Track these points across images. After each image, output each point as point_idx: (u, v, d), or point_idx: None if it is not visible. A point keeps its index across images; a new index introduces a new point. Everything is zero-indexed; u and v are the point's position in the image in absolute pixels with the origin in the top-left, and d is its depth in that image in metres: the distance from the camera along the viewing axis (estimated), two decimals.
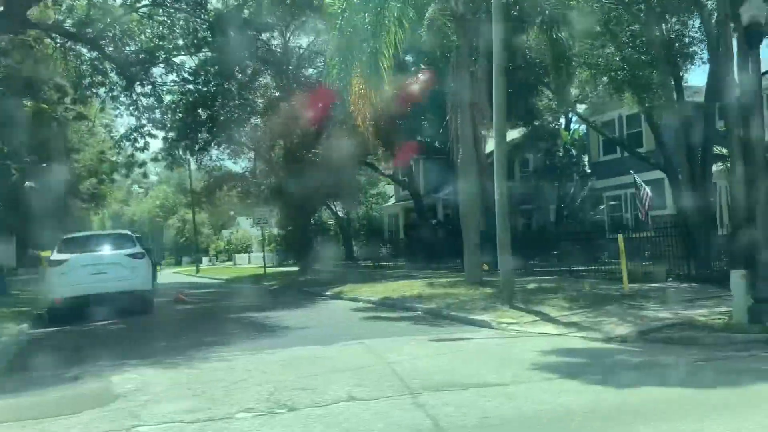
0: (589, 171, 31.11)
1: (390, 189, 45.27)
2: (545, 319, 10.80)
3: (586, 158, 31.68)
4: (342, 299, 16.72)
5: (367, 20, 13.68)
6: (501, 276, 12.25)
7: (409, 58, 23.36)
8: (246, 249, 63.15)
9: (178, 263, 71.78)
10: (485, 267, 21.48)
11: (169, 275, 49.48)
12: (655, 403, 5.71)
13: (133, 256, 13.58)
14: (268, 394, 6.32)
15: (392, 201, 42.75)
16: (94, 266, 13.10)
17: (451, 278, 17.67)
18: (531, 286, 14.53)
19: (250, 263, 52.73)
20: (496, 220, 12.17)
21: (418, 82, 20.91)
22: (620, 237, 13.30)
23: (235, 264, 59.84)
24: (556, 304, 11.70)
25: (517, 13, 16.55)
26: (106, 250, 13.77)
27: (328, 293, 18.06)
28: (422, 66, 19.71)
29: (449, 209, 33.52)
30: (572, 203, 30.78)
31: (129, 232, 14.84)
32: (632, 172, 24.68)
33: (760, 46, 11.59)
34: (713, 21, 15.56)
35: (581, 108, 29.46)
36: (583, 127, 30.48)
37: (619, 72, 16.21)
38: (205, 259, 72.70)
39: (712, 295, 12.15)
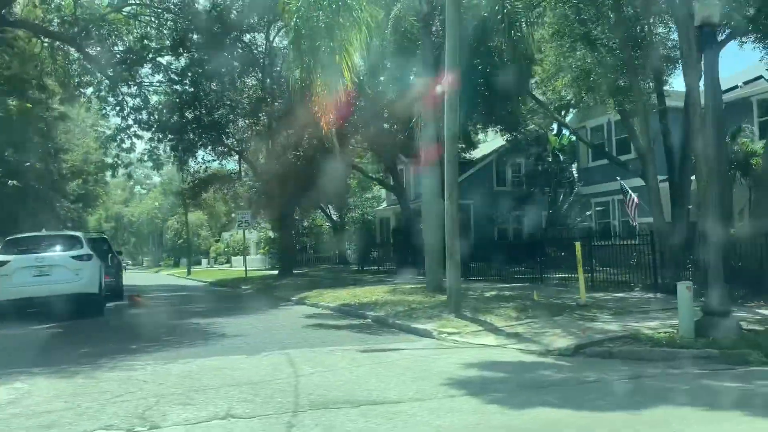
0: (577, 176, 30.62)
1: (385, 192, 44.86)
2: (488, 329, 10.36)
3: (576, 164, 31.21)
4: (304, 305, 16.33)
5: (321, 18, 13.31)
6: (448, 284, 11.82)
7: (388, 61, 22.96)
8: (244, 251, 62.77)
9: (176, 265, 71.60)
10: None
11: (163, 277, 49.44)
12: (538, 426, 5.29)
13: (78, 257, 13.22)
14: (144, 409, 5.94)
15: (384, 205, 42.33)
16: (36, 268, 12.76)
17: (419, 285, 17.25)
18: (490, 293, 14.10)
19: (243, 265, 52.32)
20: (446, 227, 11.75)
21: (395, 84, 20.50)
22: (577, 245, 12.84)
23: (231, 266, 59.59)
24: (505, 314, 11.25)
25: (488, 14, 16.07)
26: (51, 251, 13.40)
27: (294, 298, 17.68)
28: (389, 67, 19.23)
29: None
30: (560, 209, 30.28)
31: (78, 234, 14.47)
32: (618, 178, 24.19)
33: (716, 46, 11.17)
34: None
35: (572, 113, 29.09)
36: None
37: (591, 75, 15.70)
38: (204, 261, 72.60)
39: (672, 307, 11.62)
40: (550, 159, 31.47)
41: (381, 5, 15.38)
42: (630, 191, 19.77)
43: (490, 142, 35.91)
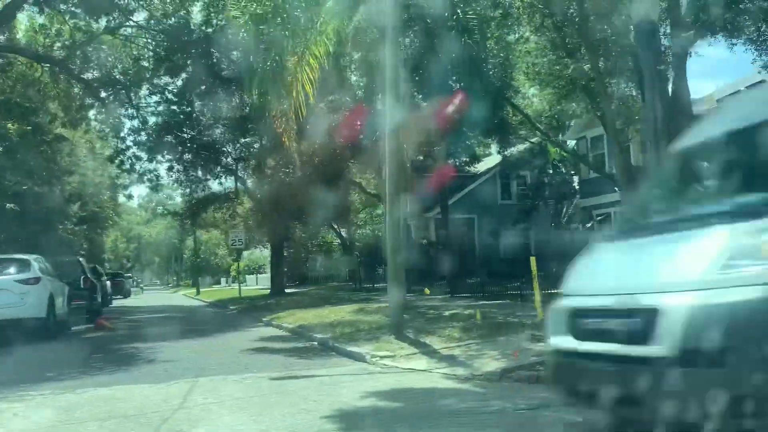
0: (579, 188, 29.81)
1: None
2: (425, 352, 9.78)
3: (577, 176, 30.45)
4: (270, 326, 15.98)
5: (266, 32, 12.94)
6: (389, 305, 11.26)
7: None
8: (259, 270, 62.77)
9: (195, 284, 71.84)
10: (426, 291, 20.50)
11: (174, 297, 49.51)
12: None
13: (24, 281, 12.97)
14: None
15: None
16: None
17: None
18: (448, 312, 13.48)
19: (257, 284, 52.25)
20: (387, 243, 11.22)
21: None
22: (532, 260, 12.17)
23: (246, 285, 59.51)
24: (449, 335, 10.65)
25: (453, 23, 15.56)
26: None
27: (265, 319, 17.32)
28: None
29: (441, 229, 32.51)
30: (562, 222, 29.50)
31: (28, 257, 14.19)
32: (617, 189, 23.38)
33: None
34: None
35: (571, 123, 28.30)
36: (572, 143, 29.16)
37: (562, 81, 15.09)
38: (223, 280, 72.81)
39: None
40: (551, 171, 30.74)
41: (342, 16, 14.90)
42: None
43: (495, 155, 35.29)
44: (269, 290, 29.85)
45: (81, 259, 19.82)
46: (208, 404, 7.12)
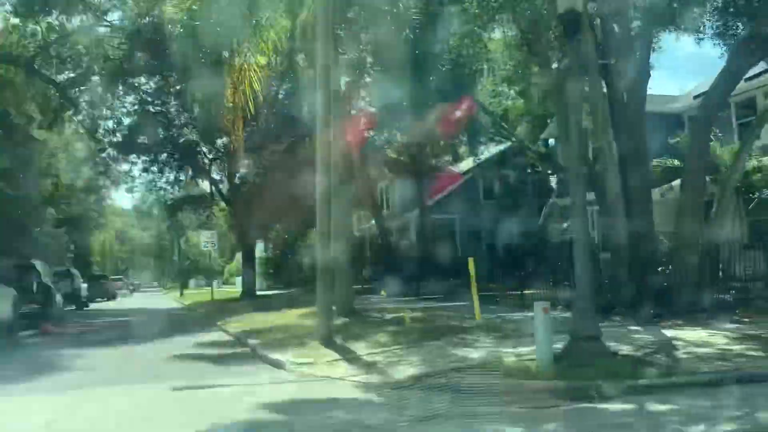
0: (556, 187, 29.33)
1: None
2: (347, 359, 9.39)
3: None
4: (219, 330, 15.65)
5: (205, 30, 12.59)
6: (317, 309, 10.84)
7: None
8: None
9: (185, 286, 71.34)
10: (383, 293, 20.16)
11: (157, 299, 48.92)
12: None
13: None
14: None
15: (373, 221, 41.37)
16: None
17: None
18: (390, 316, 13.09)
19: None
20: (317, 242, 10.83)
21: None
22: (470, 261, 11.75)
23: (236, 287, 59.08)
24: (377, 340, 10.28)
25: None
26: None
27: (218, 323, 16.97)
28: None
29: (421, 230, 32.01)
30: (537, 222, 29.05)
31: None
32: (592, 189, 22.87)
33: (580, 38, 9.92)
34: None
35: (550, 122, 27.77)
36: (551, 140, 28.63)
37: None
38: (215, 282, 72.18)
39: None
40: (529, 170, 30.37)
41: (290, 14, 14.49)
42: None
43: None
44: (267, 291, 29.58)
45: (37, 262, 19.40)
46: (80, 421, 6.70)
